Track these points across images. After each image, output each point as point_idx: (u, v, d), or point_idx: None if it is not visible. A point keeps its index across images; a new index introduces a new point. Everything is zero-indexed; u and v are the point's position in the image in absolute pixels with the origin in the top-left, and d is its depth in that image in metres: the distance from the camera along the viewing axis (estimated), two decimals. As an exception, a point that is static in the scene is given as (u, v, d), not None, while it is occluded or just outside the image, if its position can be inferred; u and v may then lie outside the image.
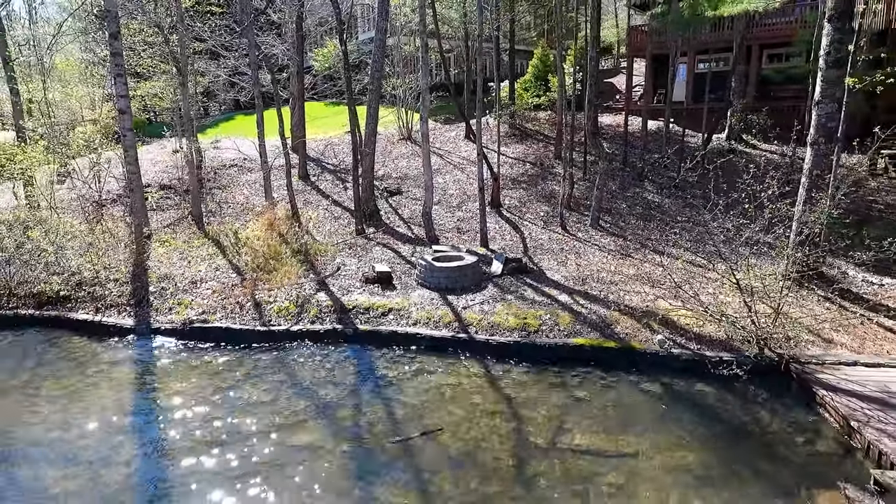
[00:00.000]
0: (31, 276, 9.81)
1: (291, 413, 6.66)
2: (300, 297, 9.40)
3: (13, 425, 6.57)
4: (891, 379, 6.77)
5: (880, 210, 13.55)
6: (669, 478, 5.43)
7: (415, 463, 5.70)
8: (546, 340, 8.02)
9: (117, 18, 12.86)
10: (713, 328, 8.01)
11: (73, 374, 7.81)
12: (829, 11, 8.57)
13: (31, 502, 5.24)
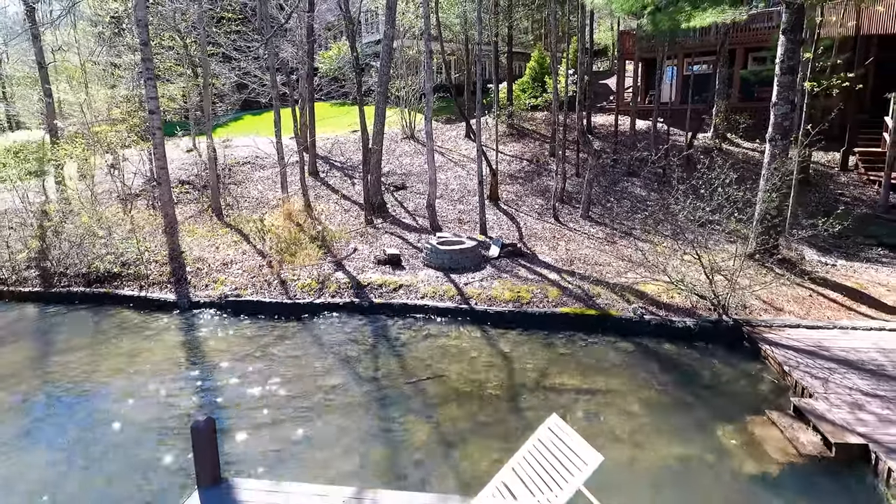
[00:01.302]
0: (80, 258, 11.16)
1: (320, 364, 8.03)
2: (320, 276, 10.77)
3: (88, 374, 7.93)
4: (824, 337, 8.15)
5: (846, 202, 14.95)
6: (633, 406, 6.79)
7: (426, 399, 7.06)
8: (536, 310, 9.40)
9: (147, 27, 14.22)
10: (680, 299, 9.38)
11: (128, 337, 9.17)
12: (783, 25, 9.96)
13: (112, 429, 6.58)
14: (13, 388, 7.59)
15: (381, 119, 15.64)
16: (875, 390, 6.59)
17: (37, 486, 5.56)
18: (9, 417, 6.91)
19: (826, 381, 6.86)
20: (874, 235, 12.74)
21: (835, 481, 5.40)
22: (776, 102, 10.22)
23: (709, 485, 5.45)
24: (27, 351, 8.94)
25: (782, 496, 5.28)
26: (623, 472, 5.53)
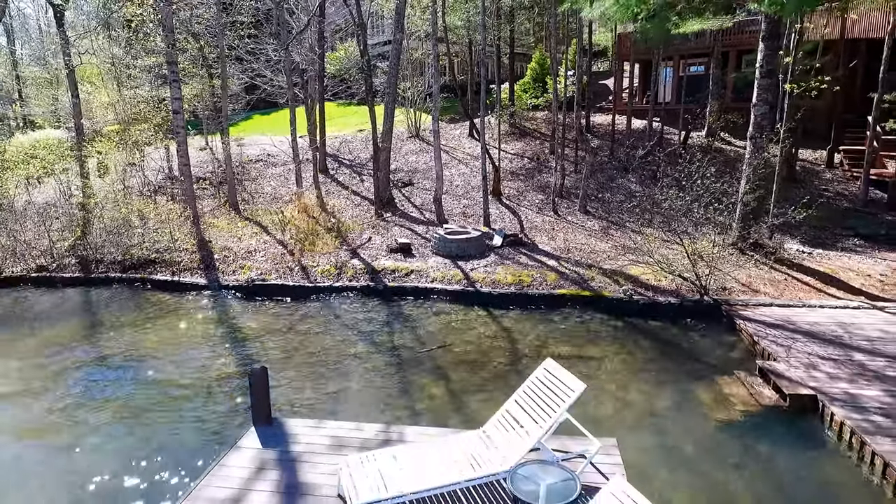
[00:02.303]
0: (117, 246, 12.23)
1: (342, 337, 9.09)
2: (338, 262, 11.84)
3: (135, 344, 9.00)
4: (793, 314, 9.19)
5: (829, 197, 15.97)
6: (620, 370, 7.84)
7: (437, 363, 8.11)
8: (536, 291, 10.45)
9: (173, 31, 15.33)
10: (666, 282, 10.43)
11: (166, 316, 10.24)
12: (762, 32, 11.00)
13: (166, 386, 7.63)
14: (71, 356, 8.65)
15: (390, 119, 16.69)
16: (829, 355, 7.64)
17: (111, 431, 6.61)
18: (72, 379, 7.96)
19: (789, 348, 7.91)
20: (852, 227, 13.78)
21: (788, 425, 6.44)
22: (756, 103, 11.26)
23: (681, 429, 6.49)
24: (77, 326, 10.01)
25: (743, 437, 6.32)
26: (608, 420, 6.58)
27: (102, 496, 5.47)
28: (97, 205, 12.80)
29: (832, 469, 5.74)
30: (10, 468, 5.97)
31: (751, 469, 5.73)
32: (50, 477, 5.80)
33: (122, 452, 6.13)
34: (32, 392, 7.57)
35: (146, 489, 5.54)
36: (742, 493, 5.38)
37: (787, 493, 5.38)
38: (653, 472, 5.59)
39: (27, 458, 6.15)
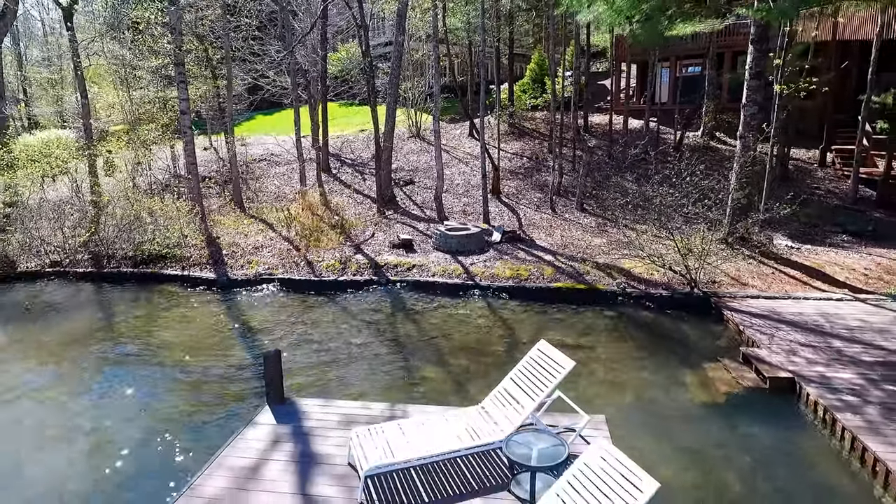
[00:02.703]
0: (128, 242, 12.71)
1: (347, 327, 9.56)
2: (342, 258, 12.31)
3: (150, 333, 9.47)
4: (778, 305, 9.66)
5: (820, 195, 16.46)
6: (613, 357, 8.32)
7: (438, 351, 8.58)
8: (533, 284, 10.93)
9: (181, 34, 15.81)
10: (658, 276, 10.90)
11: (178, 308, 10.71)
12: (751, 36, 11.48)
13: (182, 371, 8.10)
14: (90, 344, 9.12)
15: (392, 119, 17.19)
16: (809, 342, 8.11)
17: (133, 408, 7.08)
18: (93, 365, 8.43)
19: (772, 336, 8.38)
20: (841, 224, 14.25)
21: (766, 405, 6.91)
22: (746, 104, 11.74)
23: (668, 408, 6.97)
24: (92, 318, 10.49)
25: (724, 415, 6.80)
26: (599, 400, 7.04)
27: (133, 464, 5.94)
28: (109, 202, 13.26)
29: (805, 441, 6.21)
30: (41, 442, 6.44)
31: (730, 442, 6.21)
32: (85, 445, 6.27)
33: (146, 427, 6.61)
34: (59, 376, 8.04)
35: (170, 458, 6.01)
36: (721, 462, 5.85)
37: (763, 462, 5.84)
38: (639, 445, 6.05)
39: (58, 435, 6.62)
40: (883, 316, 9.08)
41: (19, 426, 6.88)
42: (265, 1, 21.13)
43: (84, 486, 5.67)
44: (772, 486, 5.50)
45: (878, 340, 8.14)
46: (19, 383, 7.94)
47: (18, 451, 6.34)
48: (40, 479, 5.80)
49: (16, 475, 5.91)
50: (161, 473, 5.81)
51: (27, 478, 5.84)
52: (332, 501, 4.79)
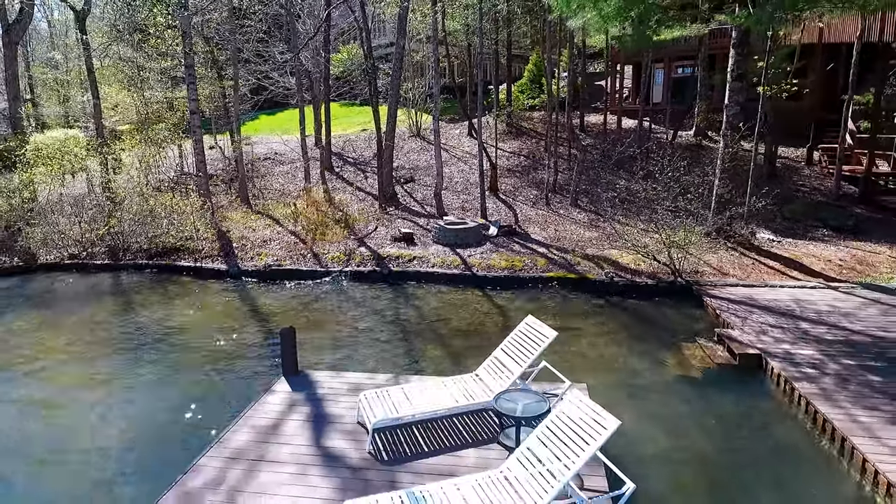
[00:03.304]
0: (143, 235, 13.47)
1: (352, 313, 10.31)
2: (347, 250, 13.07)
3: (168, 318, 10.23)
4: (755, 292, 10.41)
5: (805, 192, 17.21)
6: (599, 338, 9.07)
7: (438, 333, 9.33)
8: (527, 274, 11.69)
9: (192, 38, 16.57)
10: (645, 266, 11.66)
11: (193, 296, 11.47)
12: (733, 40, 12.24)
13: (201, 350, 8.84)
14: (114, 327, 9.87)
15: (393, 119, 17.94)
16: (779, 324, 8.87)
17: (159, 381, 7.83)
18: (120, 345, 9.17)
19: (745, 319, 9.14)
20: (822, 219, 14.98)
21: (736, 377, 7.66)
22: (728, 104, 12.51)
23: (645, 380, 7.72)
24: (113, 305, 11.24)
25: (697, 387, 7.55)
26: (583, 373, 7.77)
27: (166, 427, 6.68)
28: (125, 198, 14.02)
29: (767, 407, 6.96)
30: (88, 407, 7.18)
31: (701, 408, 6.96)
32: (118, 415, 7.02)
33: (173, 397, 7.36)
34: (89, 354, 8.79)
35: (197, 422, 6.76)
36: (692, 424, 6.59)
37: (728, 424, 6.59)
38: (619, 411, 6.76)
39: (100, 402, 7.36)
40: (851, 302, 9.84)
41: (65, 393, 7.64)
42: (270, 4, 21.87)
43: (125, 436, 6.41)
44: (734, 443, 6.25)
45: (842, 322, 8.89)
46: (60, 359, 8.69)
47: (78, 406, 7.10)
48: (99, 427, 6.55)
49: (80, 419, 6.66)
50: (193, 430, 6.58)
51: (84, 422, 6.59)
52: (344, 452, 5.54)
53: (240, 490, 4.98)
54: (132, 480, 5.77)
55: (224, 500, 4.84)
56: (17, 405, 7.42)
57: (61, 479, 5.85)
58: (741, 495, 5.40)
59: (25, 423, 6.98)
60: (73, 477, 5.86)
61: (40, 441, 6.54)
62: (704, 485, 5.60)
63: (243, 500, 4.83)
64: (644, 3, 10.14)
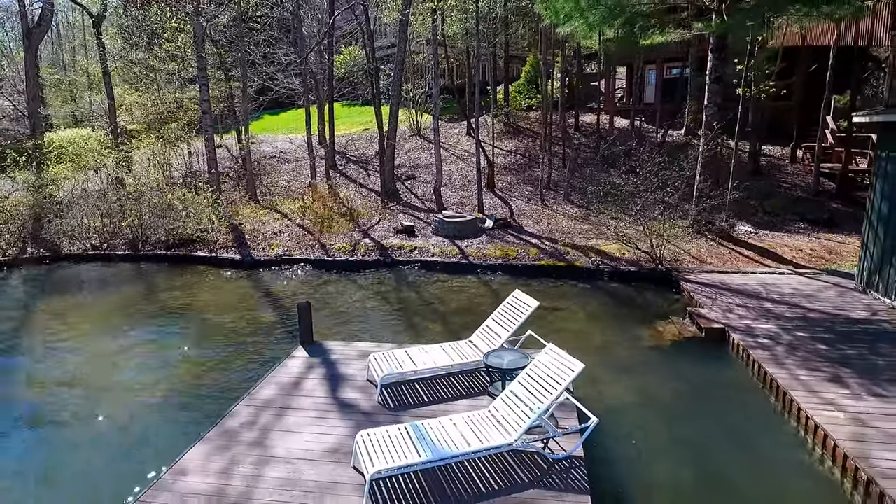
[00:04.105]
0: (161, 227, 14.52)
1: (359, 297, 11.35)
2: (352, 241, 14.12)
3: (190, 303, 11.26)
4: (728, 278, 11.45)
5: (786, 188, 18.25)
6: (583, 317, 10.11)
7: (437, 313, 10.37)
8: (520, 262, 12.73)
9: (203, 41, 17.64)
10: (629, 255, 12.69)
11: (211, 283, 12.51)
12: (711, 46, 13.28)
13: (225, 328, 9.87)
14: (143, 308, 10.91)
15: (395, 119, 19.00)
16: (744, 304, 9.90)
17: (194, 351, 8.87)
18: (151, 323, 10.21)
19: (715, 300, 10.17)
20: (800, 213, 16.00)
21: (702, 348, 8.69)
22: (707, 105, 13.55)
23: (623, 352, 8.75)
24: (136, 291, 12.28)
25: (668, 356, 8.58)
26: (566, 345, 8.80)
27: (198, 387, 7.72)
28: (145, 192, 15.06)
29: (727, 371, 8.01)
30: (134, 370, 8.22)
31: (668, 371, 8.00)
32: (160, 376, 8.05)
33: (206, 363, 8.39)
34: (124, 328, 9.83)
35: (228, 381, 7.80)
36: (662, 387, 7.62)
37: (694, 385, 7.63)
38: (598, 377, 7.82)
39: (143, 366, 8.40)
40: (813, 286, 10.87)
41: (113, 365, 8.68)
42: (276, 9, 22.92)
43: (171, 391, 7.44)
44: (694, 398, 7.29)
45: (802, 303, 9.92)
46: (98, 334, 9.73)
47: (130, 370, 8.14)
48: (147, 386, 7.59)
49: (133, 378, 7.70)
50: (225, 387, 7.63)
51: (133, 381, 7.63)
52: (356, 402, 6.57)
53: (270, 429, 6.01)
54: (181, 420, 6.85)
55: (258, 437, 5.87)
56: (75, 371, 8.45)
57: (124, 420, 6.89)
58: (697, 436, 6.43)
59: (90, 383, 8.02)
60: (133, 420, 6.89)
61: (103, 395, 7.57)
62: (665, 428, 6.63)
63: (273, 437, 5.87)
64: (626, 13, 11.17)
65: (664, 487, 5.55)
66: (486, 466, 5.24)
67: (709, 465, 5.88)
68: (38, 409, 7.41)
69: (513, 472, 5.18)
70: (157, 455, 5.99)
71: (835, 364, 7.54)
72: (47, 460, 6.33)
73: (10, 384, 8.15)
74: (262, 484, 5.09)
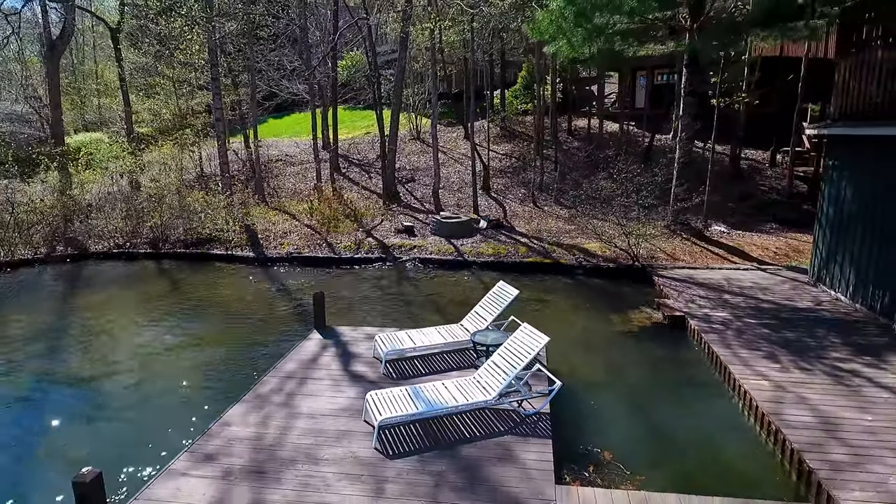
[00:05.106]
0: (180, 227, 15.93)
1: (364, 288, 12.74)
2: (356, 240, 15.51)
3: (211, 294, 12.66)
4: (696, 273, 12.83)
5: (763, 191, 19.63)
6: (564, 307, 11.50)
7: (434, 303, 11.76)
8: (510, 259, 14.13)
9: (217, 53, 19.04)
10: (609, 252, 14.08)
11: (228, 277, 13.90)
12: (685, 60, 14.65)
13: (245, 317, 11.25)
14: (170, 300, 12.30)
15: (396, 123, 20.40)
16: (706, 296, 11.28)
17: (221, 336, 10.25)
18: (180, 312, 11.59)
19: (681, 292, 11.55)
20: (773, 214, 17.40)
21: (664, 333, 10.07)
22: (682, 115, 14.93)
23: (597, 336, 10.13)
24: (161, 284, 13.68)
25: (634, 339, 9.95)
26: (547, 331, 10.20)
27: (231, 363, 9.10)
28: (165, 194, 16.48)
29: (683, 351, 9.39)
30: (173, 350, 9.61)
31: (637, 354, 9.37)
32: (196, 356, 9.43)
33: (233, 345, 9.78)
34: (154, 317, 11.23)
35: (255, 357, 9.19)
36: (630, 366, 8.98)
37: (652, 362, 9.01)
38: (572, 356, 9.20)
39: (178, 347, 9.78)
40: (771, 280, 12.25)
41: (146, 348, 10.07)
42: (282, 19, 24.30)
43: (210, 366, 8.82)
44: (652, 372, 8.67)
45: (758, 295, 11.30)
46: (133, 322, 11.12)
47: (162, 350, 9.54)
48: (187, 362, 8.97)
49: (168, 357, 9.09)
50: (253, 362, 9.03)
51: (173, 358, 9.01)
52: (364, 374, 7.95)
53: (294, 394, 7.39)
54: (220, 388, 8.23)
55: (285, 399, 7.25)
56: (127, 350, 9.84)
57: (175, 386, 8.28)
58: (647, 400, 7.80)
59: (142, 361, 9.41)
60: (181, 387, 8.28)
61: (152, 371, 8.97)
62: (622, 394, 8.01)
63: (297, 399, 7.25)
64: (604, 35, 12.54)
65: (613, 435, 6.91)
66: (470, 418, 6.63)
67: (653, 421, 7.27)
68: (103, 379, 8.79)
69: (492, 423, 6.57)
70: (204, 413, 7.38)
71: (773, 345, 8.91)
72: (117, 415, 7.71)
73: (74, 362, 9.52)
74: (291, 432, 6.48)
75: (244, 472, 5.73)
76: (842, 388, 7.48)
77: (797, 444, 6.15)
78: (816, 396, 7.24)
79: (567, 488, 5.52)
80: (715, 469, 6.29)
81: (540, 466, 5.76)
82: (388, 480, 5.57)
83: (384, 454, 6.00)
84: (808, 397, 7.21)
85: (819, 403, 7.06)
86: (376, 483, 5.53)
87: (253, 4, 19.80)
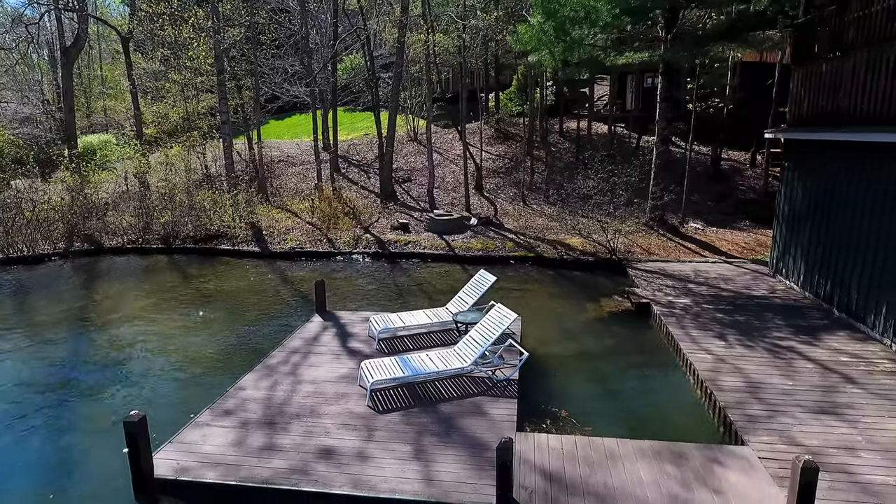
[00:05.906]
0: (190, 224, 17.15)
1: (361, 280, 13.96)
2: (355, 236, 16.72)
3: (220, 285, 13.87)
4: (667, 266, 14.03)
5: (741, 190, 20.82)
6: (544, 295, 12.71)
7: (425, 292, 12.97)
8: (497, 254, 15.33)
9: (223, 58, 20.27)
10: (589, 247, 15.28)
11: (235, 271, 15.12)
12: (661, 68, 15.86)
13: (252, 305, 12.46)
14: (183, 290, 13.51)
15: (393, 125, 21.61)
16: (672, 285, 12.49)
17: (233, 319, 11.46)
18: (192, 300, 12.79)
19: (650, 282, 12.75)
20: (747, 212, 18.59)
21: (631, 318, 11.26)
22: (658, 120, 16.13)
23: (570, 321, 11.32)
24: (172, 277, 14.89)
25: (604, 323, 11.14)
26: (525, 314, 11.41)
27: (244, 342, 10.31)
28: (175, 193, 17.70)
29: (646, 333, 10.58)
30: (191, 333, 10.81)
31: (604, 335, 10.56)
32: (211, 337, 10.63)
33: (244, 326, 10.99)
34: (171, 304, 12.44)
35: (264, 335, 10.40)
36: (596, 345, 10.16)
37: (620, 344, 10.19)
38: (547, 337, 10.39)
39: (192, 330, 10.98)
40: (735, 272, 13.44)
41: (167, 336, 11.28)
42: (284, 26, 25.53)
43: (224, 344, 10.03)
44: (616, 350, 9.87)
45: (720, 285, 12.49)
46: (150, 309, 12.35)
47: (186, 336, 10.75)
48: (205, 343, 10.18)
49: (187, 341, 10.29)
50: (261, 341, 10.23)
51: (190, 343, 10.22)
52: (360, 349, 9.16)
53: (299, 364, 8.60)
54: (235, 361, 9.44)
55: (291, 369, 8.46)
56: (143, 334, 11.05)
57: (193, 358, 9.49)
58: (608, 372, 8.99)
59: (163, 341, 10.63)
60: (199, 359, 9.50)
61: (173, 347, 10.18)
62: (586, 368, 9.20)
63: (301, 369, 8.45)
64: (582, 47, 13.74)
65: (571, 398, 8.10)
66: (449, 383, 7.84)
67: (608, 388, 8.48)
68: (130, 351, 10.01)
69: (468, 387, 7.77)
70: (219, 383, 8.60)
71: (724, 326, 10.11)
72: (142, 381, 8.93)
73: (107, 342, 10.74)
74: (296, 394, 7.69)
75: (258, 423, 6.94)
76: (775, 360, 8.67)
77: (724, 402, 7.36)
78: (751, 367, 8.43)
79: (525, 434, 6.72)
80: (655, 424, 7.48)
81: (505, 419, 6.97)
82: (378, 429, 6.78)
83: (375, 410, 7.21)
84: (742, 367, 8.41)
85: (752, 373, 8.25)
86: (368, 431, 6.74)
87: (256, 13, 21.03)
